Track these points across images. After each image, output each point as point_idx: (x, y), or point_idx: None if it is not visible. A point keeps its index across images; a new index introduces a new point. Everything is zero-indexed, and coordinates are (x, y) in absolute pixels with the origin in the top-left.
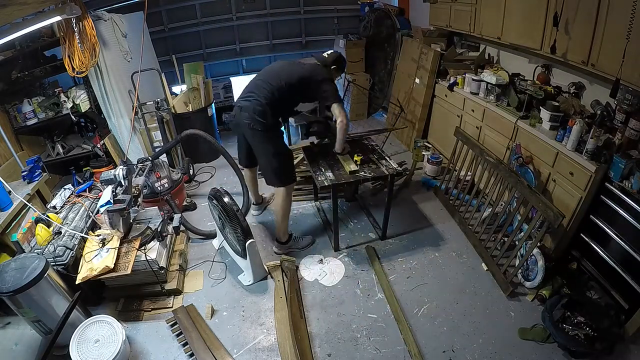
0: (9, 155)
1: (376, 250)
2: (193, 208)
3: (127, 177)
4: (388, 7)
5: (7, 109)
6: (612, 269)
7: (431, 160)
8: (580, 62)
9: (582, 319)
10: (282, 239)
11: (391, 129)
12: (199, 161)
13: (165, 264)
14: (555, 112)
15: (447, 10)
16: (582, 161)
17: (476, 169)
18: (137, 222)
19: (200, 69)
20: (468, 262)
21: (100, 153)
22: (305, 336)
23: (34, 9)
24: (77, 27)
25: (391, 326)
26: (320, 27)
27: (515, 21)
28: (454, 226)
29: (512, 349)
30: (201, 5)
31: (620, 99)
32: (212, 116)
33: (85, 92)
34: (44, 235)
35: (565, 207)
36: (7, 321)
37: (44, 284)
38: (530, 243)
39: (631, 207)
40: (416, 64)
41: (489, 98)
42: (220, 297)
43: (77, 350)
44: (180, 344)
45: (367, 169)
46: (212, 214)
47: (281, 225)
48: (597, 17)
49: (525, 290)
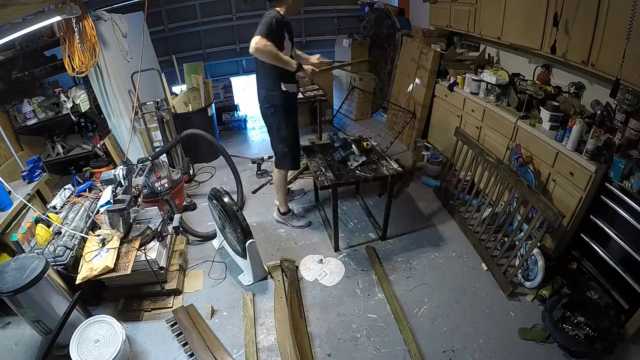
0: (9, 155)
1: (376, 250)
2: (193, 208)
3: (127, 177)
4: (388, 7)
5: (7, 109)
6: (612, 269)
7: (431, 160)
8: (580, 62)
9: (582, 319)
10: (281, 209)
11: (348, 63)
12: (199, 161)
13: (165, 264)
14: (555, 112)
15: (447, 10)
16: (582, 161)
17: (476, 169)
18: (137, 222)
19: (200, 69)
20: (468, 262)
21: (100, 153)
22: (305, 336)
23: (34, 9)
24: (77, 27)
25: (391, 326)
26: (320, 27)
27: (515, 21)
28: (454, 226)
29: (512, 349)
30: (201, 5)
31: (620, 99)
32: (212, 116)
33: (85, 92)
34: (44, 235)
35: (565, 207)
36: (7, 321)
37: (44, 284)
38: (530, 243)
39: (631, 207)
40: (416, 64)
41: (489, 98)
42: (220, 297)
43: (77, 350)
44: (180, 344)
45: (367, 169)
46: (212, 214)
47: (278, 196)
48: (597, 17)
49: (525, 290)
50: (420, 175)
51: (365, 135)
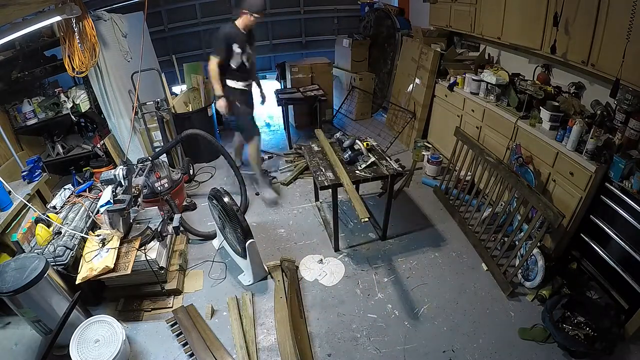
0: (9, 155)
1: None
2: (193, 208)
3: (127, 177)
4: (388, 7)
5: (7, 109)
6: (612, 269)
7: (431, 160)
8: (580, 62)
9: (582, 319)
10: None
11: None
12: (199, 161)
13: (165, 264)
14: (555, 112)
15: (447, 10)
16: (582, 161)
17: (476, 169)
18: (137, 222)
19: (200, 69)
20: (468, 262)
21: (100, 153)
22: (305, 336)
23: (34, 9)
24: (77, 27)
25: (391, 326)
26: (320, 27)
27: (515, 21)
28: (454, 226)
29: (512, 349)
30: (201, 5)
31: (620, 99)
32: (212, 116)
33: (85, 92)
34: (44, 235)
35: (565, 207)
36: (7, 321)
37: (44, 284)
38: (530, 243)
39: (631, 207)
40: (416, 64)
41: (489, 98)
42: (220, 297)
43: (77, 350)
44: (180, 344)
45: (367, 170)
46: (212, 214)
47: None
48: (597, 17)
49: (525, 290)
50: (420, 175)
51: (366, 135)
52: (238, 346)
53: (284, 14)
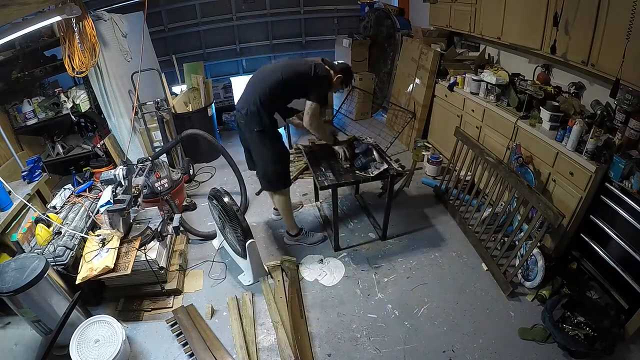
0: (9, 155)
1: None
2: (193, 208)
3: (127, 177)
4: (388, 7)
5: (7, 109)
6: (612, 269)
7: (431, 160)
8: (580, 62)
9: (582, 319)
10: (291, 231)
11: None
12: (199, 161)
13: (165, 264)
14: (555, 112)
15: (447, 10)
16: (582, 161)
17: (476, 169)
18: (137, 222)
19: (200, 69)
20: (468, 262)
21: (100, 153)
22: (305, 336)
23: (34, 9)
24: (77, 27)
25: (391, 326)
26: (320, 27)
27: (515, 21)
28: (454, 226)
29: (512, 349)
30: (201, 5)
31: (620, 99)
32: (212, 116)
33: (85, 92)
34: (44, 235)
35: (565, 207)
36: (7, 321)
37: (44, 284)
38: (530, 243)
39: (631, 207)
40: (416, 64)
41: (489, 98)
42: (220, 297)
43: (77, 350)
44: (180, 344)
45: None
46: (212, 214)
47: (287, 221)
48: (597, 17)
49: (525, 290)
50: (420, 175)
51: (366, 135)
52: (238, 346)
53: (284, 14)
